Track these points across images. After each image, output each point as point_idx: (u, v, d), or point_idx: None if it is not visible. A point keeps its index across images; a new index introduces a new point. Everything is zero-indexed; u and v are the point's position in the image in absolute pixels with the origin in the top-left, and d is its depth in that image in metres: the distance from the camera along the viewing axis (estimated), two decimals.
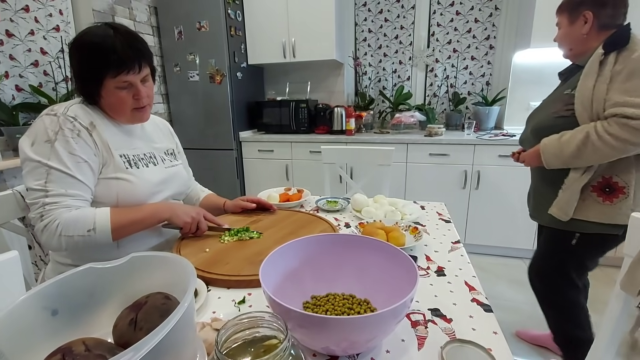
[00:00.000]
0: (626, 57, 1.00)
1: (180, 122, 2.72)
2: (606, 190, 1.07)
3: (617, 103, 0.98)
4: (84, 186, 0.78)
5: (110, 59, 0.77)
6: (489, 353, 0.49)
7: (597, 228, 1.09)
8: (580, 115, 1.06)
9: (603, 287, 2.01)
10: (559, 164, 1.10)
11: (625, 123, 0.96)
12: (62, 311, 0.44)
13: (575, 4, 1.12)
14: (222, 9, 2.41)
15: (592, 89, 1.03)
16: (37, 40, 1.76)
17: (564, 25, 1.17)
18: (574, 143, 1.04)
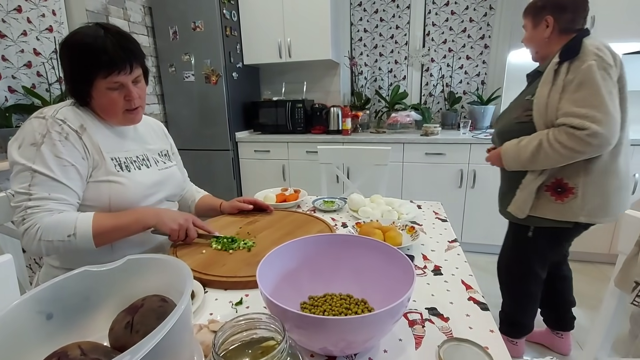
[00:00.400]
0: (577, 68, 1.05)
1: (175, 123, 2.71)
2: (558, 190, 1.15)
3: (566, 113, 1.05)
4: (69, 190, 0.77)
5: (101, 59, 0.76)
6: (485, 351, 0.49)
7: (550, 223, 1.18)
8: (537, 122, 1.13)
9: (597, 284, 2.03)
10: (517, 166, 1.18)
11: (572, 133, 1.03)
12: (57, 315, 0.44)
13: (538, 8, 1.17)
14: (217, 8, 2.40)
15: (547, 97, 1.10)
16: (29, 41, 1.74)
17: (529, 28, 1.23)
18: (529, 149, 1.12)
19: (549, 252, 1.29)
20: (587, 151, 1.04)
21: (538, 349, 1.53)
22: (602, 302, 0.85)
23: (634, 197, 2.07)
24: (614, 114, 1.02)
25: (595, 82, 1.02)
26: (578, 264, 2.26)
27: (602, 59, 1.03)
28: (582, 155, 1.06)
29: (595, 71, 1.02)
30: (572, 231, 1.21)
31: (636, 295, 0.74)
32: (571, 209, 1.14)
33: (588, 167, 1.11)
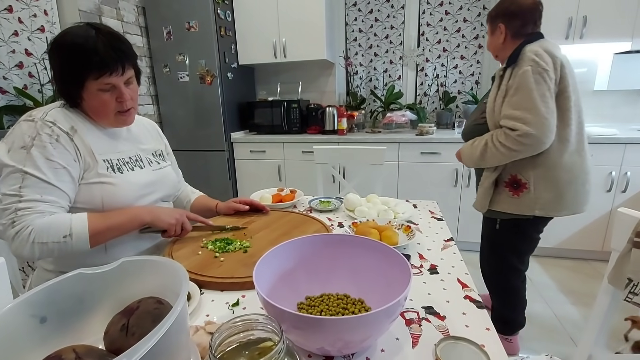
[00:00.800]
0: (516, 74, 1.14)
1: (170, 124, 2.69)
2: (514, 185, 1.25)
3: (505, 115, 1.15)
4: (60, 192, 0.76)
5: (92, 60, 0.75)
6: (482, 349, 0.49)
7: (512, 215, 1.28)
8: (489, 123, 1.24)
9: (591, 281, 2.05)
10: (472, 164, 1.31)
11: (508, 134, 1.13)
12: (51, 318, 0.43)
13: (493, 17, 1.28)
14: (212, 9, 2.39)
15: (494, 100, 1.21)
16: (21, 42, 1.72)
17: (489, 35, 1.33)
18: (478, 148, 1.23)
19: (517, 243, 1.35)
20: (522, 150, 1.13)
21: (534, 347, 1.54)
22: (596, 299, 0.86)
23: (624, 195, 2.10)
24: (546, 116, 1.09)
25: (528, 87, 1.10)
26: (571, 261, 2.29)
27: (538, 64, 1.11)
28: (519, 154, 1.15)
29: (529, 76, 1.10)
30: (533, 223, 1.28)
31: (629, 291, 0.75)
32: (526, 202, 1.22)
33: (536, 163, 1.19)
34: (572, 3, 2.12)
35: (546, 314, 1.76)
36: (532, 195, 1.21)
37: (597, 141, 2.06)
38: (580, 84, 2.64)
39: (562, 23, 2.16)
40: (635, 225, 0.76)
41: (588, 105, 2.54)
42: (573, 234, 2.24)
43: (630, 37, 2.10)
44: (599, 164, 2.10)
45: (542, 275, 2.13)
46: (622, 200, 2.12)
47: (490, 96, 1.23)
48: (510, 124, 1.12)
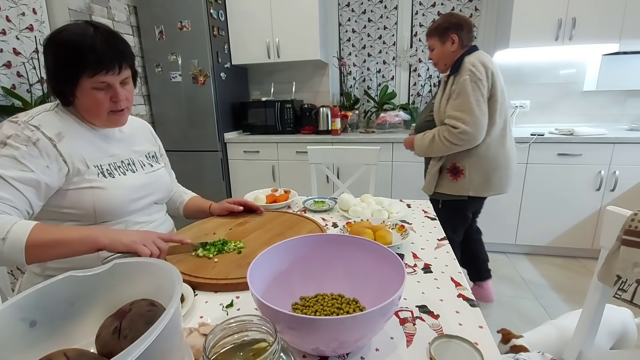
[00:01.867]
0: (457, 81, 1.39)
1: (163, 124, 2.67)
2: (454, 172, 1.53)
3: (449, 115, 1.41)
4: (19, 195, 0.71)
5: (88, 58, 0.74)
6: (475, 347, 0.50)
7: (451, 197, 1.55)
8: (436, 120, 1.52)
9: (581, 278, 2.09)
10: (422, 153, 1.57)
11: (450, 130, 1.40)
12: (42, 322, 0.43)
13: (444, 29, 1.47)
14: (204, 8, 2.37)
15: (439, 102, 1.47)
16: (9, 40, 1.69)
17: (438, 46, 1.51)
18: (426, 141, 1.50)
19: (455, 220, 1.62)
20: (461, 144, 1.40)
21: None
22: (586, 295, 0.88)
23: (613, 193, 2.14)
24: (479, 117, 1.37)
25: (467, 93, 1.36)
26: (562, 259, 2.32)
27: (474, 74, 1.36)
28: (458, 147, 1.42)
29: (467, 84, 1.36)
30: (468, 203, 1.56)
31: (618, 288, 0.77)
32: (463, 185, 1.51)
33: (471, 153, 1.47)
34: (561, 5, 2.16)
35: (537, 310, 1.79)
36: (467, 179, 1.49)
37: (587, 141, 2.10)
38: (570, 85, 2.70)
39: (551, 24, 2.20)
40: (623, 224, 0.77)
41: (577, 106, 2.59)
42: (563, 232, 2.28)
43: (618, 38, 2.14)
44: (588, 163, 2.14)
45: (533, 273, 2.16)
46: (611, 198, 2.16)
47: (436, 98, 1.49)
48: (453, 122, 1.38)
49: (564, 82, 2.57)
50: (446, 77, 1.45)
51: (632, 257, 0.75)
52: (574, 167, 2.15)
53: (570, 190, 2.20)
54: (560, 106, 2.62)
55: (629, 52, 2.26)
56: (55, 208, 0.80)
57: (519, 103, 2.66)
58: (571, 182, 2.18)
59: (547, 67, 2.57)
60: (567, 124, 2.55)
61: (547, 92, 2.61)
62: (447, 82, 1.44)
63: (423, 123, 1.60)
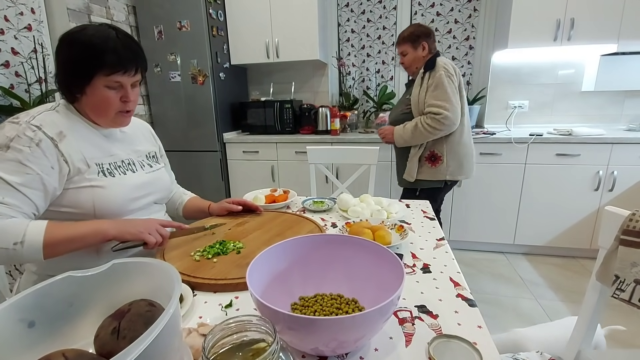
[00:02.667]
0: (434, 75, 1.60)
1: (162, 124, 2.66)
2: (432, 159, 1.70)
3: (430, 104, 1.58)
4: (25, 199, 0.72)
5: (109, 57, 0.76)
6: (474, 347, 0.50)
7: (429, 184, 1.72)
8: (414, 112, 1.67)
9: (579, 278, 2.09)
10: (403, 142, 1.70)
11: (433, 117, 1.56)
12: (40, 322, 0.43)
13: (416, 37, 1.67)
14: (204, 8, 2.37)
15: (418, 95, 1.64)
16: (7, 40, 1.68)
17: (411, 52, 1.70)
18: (409, 130, 1.64)
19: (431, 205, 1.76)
20: (442, 129, 1.57)
21: None
22: (584, 295, 0.88)
23: (611, 193, 2.15)
24: (456, 105, 1.57)
25: (444, 85, 1.56)
26: (560, 259, 2.33)
27: (448, 70, 1.59)
28: (441, 132, 1.59)
29: (444, 78, 1.57)
30: (443, 188, 1.76)
31: (616, 288, 0.77)
32: (441, 171, 1.69)
33: (447, 141, 1.66)
34: (560, 6, 2.16)
35: (536, 310, 1.79)
36: (445, 165, 1.68)
37: (585, 141, 2.10)
38: (568, 85, 2.70)
39: (550, 25, 2.20)
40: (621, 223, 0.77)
41: (576, 106, 2.60)
42: (562, 232, 2.28)
43: (616, 39, 2.15)
44: (586, 164, 2.14)
45: (532, 273, 2.16)
46: (609, 198, 2.16)
47: (414, 92, 1.65)
48: (435, 109, 1.56)
49: (563, 82, 2.57)
50: (422, 73, 1.64)
51: (630, 256, 0.75)
52: (573, 167, 2.16)
53: (569, 191, 2.20)
54: (558, 106, 2.63)
55: (627, 52, 2.26)
56: (54, 207, 0.80)
57: (518, 103, 2.67)
58: (569, 182, 2.19)
59: (545, 67, 2.57)
60: (566, 124, 2.55)
61: (546, 93, 2.62)
62: (424, 78, 1.63)
63: (400, 115, 1.73)
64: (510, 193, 2.30)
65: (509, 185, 2.29)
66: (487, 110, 2.71)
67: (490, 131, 2.41)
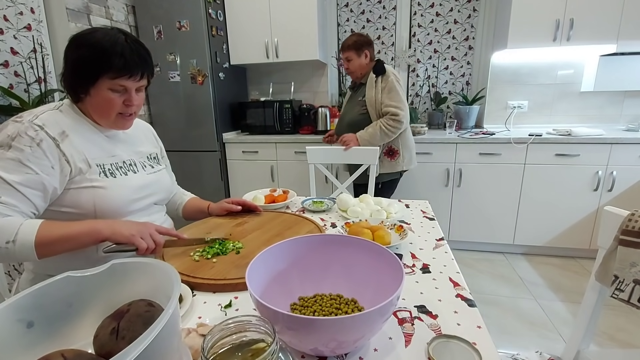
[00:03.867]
0: (386, 79, 1.80)
1: (161, 124, 2.66)
2: (390, 153, 1.90)
3: (388, 105, 1.77)
4: (24, 199, 0.72)
5: (116, 61, 0.76)
6: (473, 347, 0.50)
7: (389, 176, 1.94)
8: (371, 113, 1.84)
9: (579, 278, 2.10)
10: (368, 145, 1.81)
11: (394, 119, 1.76)
12: (39, 323, 0.42)
13: (360, 45, 1.85)
14: (203, 8, 2.37)
15: (374, 97, 1.81)
16: (6, 40, 1.68)
17: (355, 59, 1.87)
18: (373, 133, 1.80)
19: (387, 196, 1.88)
20: (401, 128, 1.80)
21: (526, 345, 1.57)
22: (584, 295, 0.88)
23: (610, 194, 2.15)
24: (407, 106, 1.81)
25: (396, 89, 1.79)
26: (559, 259, 2.33)
27: (396, 76, 1.82)
28: (398, 130, 1.80)
29: (395, 83, 1.79)
30: (398, 179, 2.01)
31: (615, 288, 0.77)
32: (399, 162, 1.91)
33: (402, 136, 1.89)
34: (559, 6, 2.17)
35: (535, 311, 1.79)
36: (401, 157, 1.90)
37: (584, 141, 2.10)
38: (568, 85, 2.71)
39: (549, 25, 2.21)
40: (621, 224, 0.78)
41: (575, 106, 2.60)
42: (561, 233, 2.29)
43: (616, 39, 2.15)
44: (585, 164, 2.14)
45: (531, 273, 2.16)
46: (608, 199, 2.16)
47: (369, 94, 1.82)
48: (393, 111, 1.76)
49: (562, 82, 2.58)
50: (374, 78, 1.82)
51: (630, 257, 0.75)
52: (572, 168, 2.16)
53: (568, 191, 2.21)
54: (558, 107, 2.63)
55: (627, 52, 2.26)
56: (55, 207, 0.80)
57: (517, 104, 2.67)
58: (569, 182, 2.19)
59: (544, 67, 2.58)
60: (565, 125, 2.56)
61: (545, 93, 2.62)
62: (377, 81, 1.81)
63: (358, 116, 1.89)
64: (510, 193, 2.30)
65: (508, 186, 2.29)
66: (486, 111, 2.72)
67: (490, 131, 2.42)
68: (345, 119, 1.98)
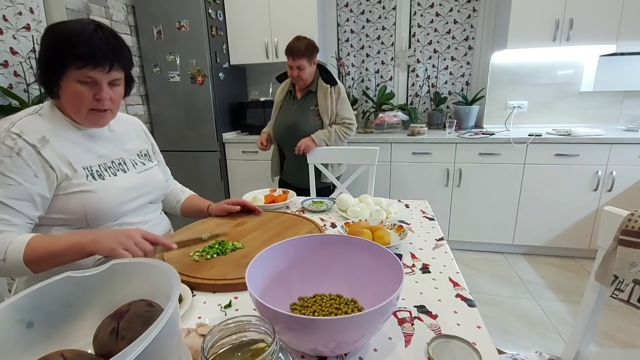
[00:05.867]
0: (338, 90, 1.82)
1: (161, 124, 2.66)
2: None
3: (344, 117, 1.83)
4: (10, 210, 0.71)
5: (80, 49, 0.72)
6: (473, 347, 0.50)
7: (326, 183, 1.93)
8: (324, 120, 1.83)
9: (578, 278, 2.10)
10: (323, 144, 1.80)
11: (349, 127, 1.85)
12: (38, 323, 0.42)
13: (311, 50, 1.74)
14: (203, 8, 2.37)
15: (328, 107, 1.80)
16: (6, 40, 1.68)
17: (307, 66, 1.75)
18: (328, 134, 1.80)
19: None
20: (351, 135, 1.88)
21: (526, 345, 1.57)
22: (583, 295, 0.88)
23: (610, 194, 2.15)
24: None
25: (347, 101, 1.86)
26: (559, 259, 2.33)
27: (343, 87, 1.87)
28: (349, 137, 1.88)
29: (345, 95, 1.85)
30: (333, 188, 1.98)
31: (615, 288, 0.77)
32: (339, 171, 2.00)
33: None
34: (559, 6, 2.17)
35: (535, 311, 1.79)
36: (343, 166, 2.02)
37: (584, 141, 2.11)
38: (567, 85, 2.71)
39: (549, 25, 2.21)
40: (620, 224, 0.78)
41: (575, 106, 2.60)
42: (561, 233, 2.29)
43: (615, 39, 2.16)
44: (585, 164, 2.14)
45: (531, 273, 2.16)
46: (608, 199, 2.16)
47: (322, 104, 1.80)
48: (349, 121, 1.84)
49: (562, 82, 2.58)
50: (326, 87, 1.80)
51: (629, 257, 0.75)
52: (572, 168, 2.16)
53: (568, 191, 2.21)
54: (557, 107, 2.63)
55: (626, 53, 2.26)
56: (46, 214, 0.78)
57: (517, 104, 2.67)
58: (568, 182, 2.19)
59: (544, 67, 2.58)
60: (565, 125, 2.56)
61: (545, 93, 2.62)
62: (330, 92, 1.80)
63: (315, 126, 1.84)
64: (509, 193, 2.30)
65: (508, 186, 2.29)
66: (486, 111, 2.72)
67: (490, 131, 2.42)
68: (299, 128, 1.83)
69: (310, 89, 1.83)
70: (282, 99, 1.93)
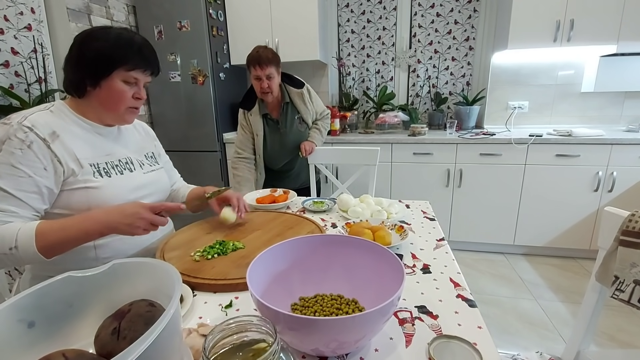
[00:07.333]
0: (307, 90, 1.79)
1: (161, 124, 2.66)
2: None
3: (319, 111, 1.87)
4: (19, 202, 0.72)
5: (134, 54, 0.80)
6: (474, 347, 0.50)
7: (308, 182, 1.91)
8: (308, 122, 1.83)
9: (579, 279, 2.10)
10: (320, 144, 1.85)
11: (325, 116, 1.91)
12: (40, 323, 0.43)
13: (278, 59, 1.63)
14: (204, 8, 2.37)
15: (308, 109, 1.80)
16: (7, 40, 1.68)
17: (276, 75, 1.62)
18: (319, 135, 1.85)
19: None
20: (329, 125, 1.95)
21: (526, 346, 1.57)
22: (584, 296, 0.88)
23: (611, 194, 2.15)
24: None
25: (315, 93, 1.84)
26: (560, 259, 2.33)
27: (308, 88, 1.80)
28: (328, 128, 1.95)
29: (311, 88, 1.81)
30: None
31: (616, 288, 0.77)
32: None
33: None
34: (559, 6, 2.17)
35: (535, 311, 1.79)
36: None
37: (584, 142, 2.10)
38: (568, 86, 2.71)
39: (549, 26, 2.21)
40: (621, 224, 0.78)
41: (576, 107, 2.60)
42: (561, 233, 2.28)
43: (616, 40, 2.15)
44: (586, 164, 2.14)
45: (531, 273, 2.16)
46: (608, 199, 2.16)
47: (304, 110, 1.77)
48: (325, 112, 1.91)
49: (562, 83, 2.58)
50: (299, 93, 1.75)
51: (630, 257, 0.75)
52: (572, 168, 2.16)
53: (568, 191, 2.20)
54: (558, 107, 2.63)
55: (627, 53, 2.26)
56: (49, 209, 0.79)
57: (518, 104, 2.67)
58: (569, 183, 2.19)
59: (545, 68, 2.58)
60: (565, 125, 2.56)
61: (546, 93, 2.62)
62: (303, 95, 1.76)
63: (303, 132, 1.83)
64: (510, 194, 2.30)
65: (508, 186, 2.29)
66: (487, 111, 2.72)
67: (490, 132, 2.41)
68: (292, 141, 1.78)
69: (284, 100, 1.72)
70: (262, 132, 1.74)
